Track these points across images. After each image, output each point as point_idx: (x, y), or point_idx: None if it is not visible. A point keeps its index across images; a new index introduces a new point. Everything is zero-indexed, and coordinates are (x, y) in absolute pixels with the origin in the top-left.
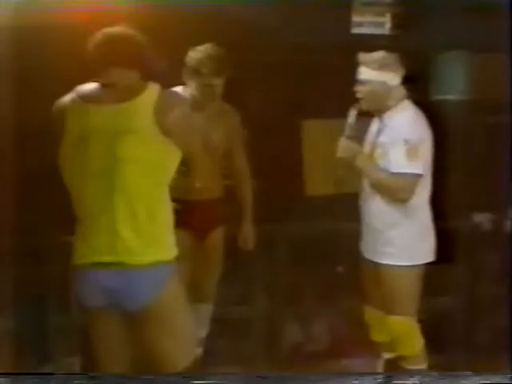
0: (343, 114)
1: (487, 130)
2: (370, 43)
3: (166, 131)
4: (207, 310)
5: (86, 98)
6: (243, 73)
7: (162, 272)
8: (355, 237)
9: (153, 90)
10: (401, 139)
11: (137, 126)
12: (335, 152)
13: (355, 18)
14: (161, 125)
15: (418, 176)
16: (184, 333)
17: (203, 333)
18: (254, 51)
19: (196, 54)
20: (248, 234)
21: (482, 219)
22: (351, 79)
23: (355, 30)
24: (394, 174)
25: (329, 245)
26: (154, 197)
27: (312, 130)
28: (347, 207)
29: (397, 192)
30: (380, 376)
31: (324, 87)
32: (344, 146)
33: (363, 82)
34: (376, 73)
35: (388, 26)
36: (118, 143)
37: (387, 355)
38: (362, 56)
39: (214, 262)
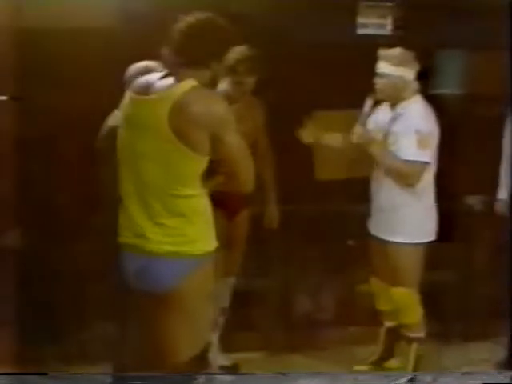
0: (350, 106)
1: (478, 120)
2: (374, 42)
3: (178, 134)
4: (231, 282)
5: (133, 87)
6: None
7: (181, 263)
8: (362, 216)
9: (180, 87)
10: (413, 129)
11: (152, 123)
12: (346, 139)
13: (360, 20)
14: (173, 126)
15: (427, 164)
16: (198, 326)
17: (227, 303)
18: (268, 49)
19: (234, 54)
20: (273, 215)
21: (474, 201)
22: (358, 75)
23: (360, 31)
24: (405, 161)
25: (338, 224)
26: (172, 193)
27: (322, 120)
28: (355, 190)
29: (406, 177)
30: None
31: (333, 82)
32: (360, 132)
33: (382, 76)
34: (395, 68)
35: (389, 27)
36: (138, 136)
37: (389, 323)
38: (383, 52)
39: (240, 240)
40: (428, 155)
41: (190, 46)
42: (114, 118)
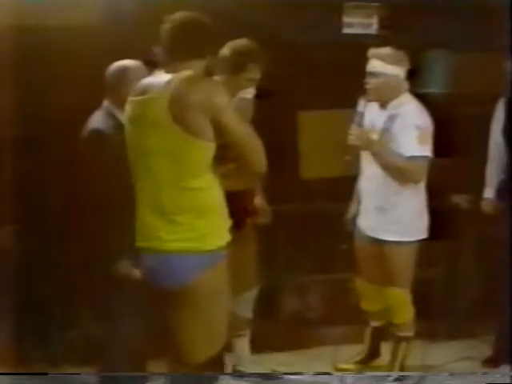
0: (336, 106)
1: (465, 120)
2: (359, 42)
3: (179, 123)
4: (254, 294)
5: (133, 91)
6: None
7: (193, 260)
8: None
9: (176, 78)
10: (412, 126)
11: (155, 117)
12: (330, 140)
13: (346, 20)
14: (174, 116)
15: (429, 158)
16: (215, 325)
17: (250, 314)
18: None
19: (240, 48)
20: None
21: (461, 200)
22: (344, 74)
23: (346, 30)
24: (407, 157)
25: (323, 223)
26: (180, 187)
27: (307, 120)
28: (340, 189)
29: (411, 174)
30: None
31: (318, 81)
32: (357, 133)
33: (376, 74)
34: (390, 66)
35: (375, 27)
36: (144, 135)
37: (375, 323)
38: (374, 51)
39: (251, 250)
40: (429, 150)
41: (180, 42)
42: (95, 119)
